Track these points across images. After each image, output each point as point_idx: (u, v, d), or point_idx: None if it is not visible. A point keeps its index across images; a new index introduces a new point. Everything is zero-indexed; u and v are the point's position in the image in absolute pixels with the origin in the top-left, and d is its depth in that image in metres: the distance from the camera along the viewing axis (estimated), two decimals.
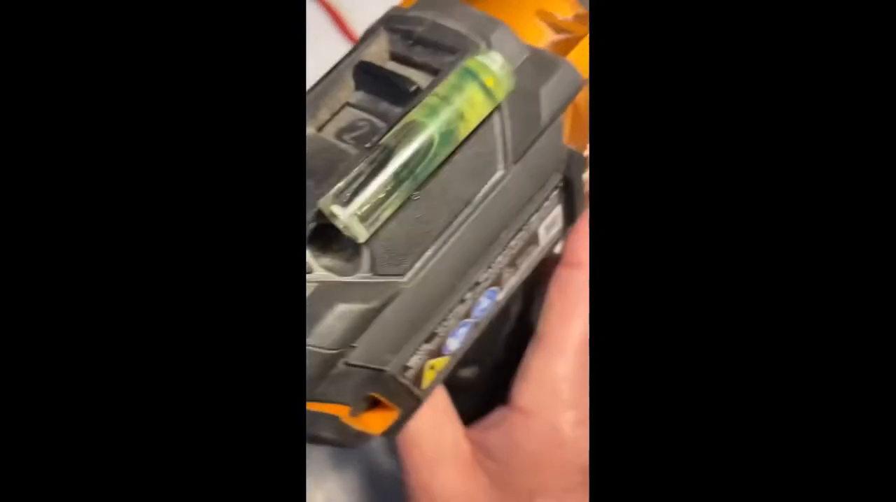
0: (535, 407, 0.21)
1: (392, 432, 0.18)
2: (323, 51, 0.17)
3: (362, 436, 0.17)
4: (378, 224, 0.13)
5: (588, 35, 0.16)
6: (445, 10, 0.16)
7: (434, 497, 0.22)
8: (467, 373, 0.25)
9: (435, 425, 0.22)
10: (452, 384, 0.24)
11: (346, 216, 0.13)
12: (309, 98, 0.16)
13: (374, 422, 0.17)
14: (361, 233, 0.13)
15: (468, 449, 0.22)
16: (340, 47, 0.43)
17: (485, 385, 0.25)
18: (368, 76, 0.16)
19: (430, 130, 0.14)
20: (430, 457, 0.22)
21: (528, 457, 0.21)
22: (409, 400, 0.17)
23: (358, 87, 0.16)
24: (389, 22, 0.17)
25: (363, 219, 0.13)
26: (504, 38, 0.15)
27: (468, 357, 0.24)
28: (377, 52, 0.17)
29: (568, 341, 0.21)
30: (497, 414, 0.22)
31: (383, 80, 0.15)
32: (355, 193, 0.13)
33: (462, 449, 0.22)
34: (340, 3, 0.44)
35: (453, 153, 0.14)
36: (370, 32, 0.17)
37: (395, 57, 0.17)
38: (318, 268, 0.14)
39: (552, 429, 0.20)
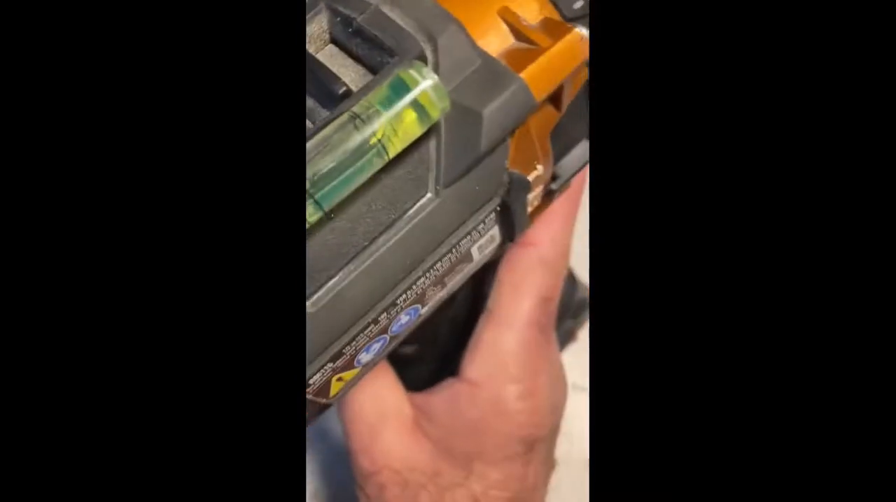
0: (481, 378, 0.21)
1: None
2: None
3: None
4: None
5: (551, 50, 0.14)
6: None
7: (375, 459, 0.22)
8: (408, 350, 0.25)
9: (376, 391, 0.22)
10: (393, 359, 0.24)
11: None
12: None
13: None
14: None
15: (410, 413, 0.23)
16: None
17: (427, 362, 0.25)
18: None
19: (348, 148, 0.12)
20: (372, 422, 0.22)
21: (471, 424, 0.21)
22: (314, 407, 0.17)
23: None
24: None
25: None
26: (453, 40, 0.14)
27: (409, 337, 0.24)
28: (316, 33, 0.15)
29: (516, 317, 0.21)
30: (443, 384, 0.22)
31: (313, 74, 0.14)
32: None
33: (404, 413, 0.23)
34: None
35: (381, 172, 0.13)
36: (311, 7, 0.15)
37: (334, 40, 0.15)
38: None
39: (496, 400, 0.21)
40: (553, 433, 0.24)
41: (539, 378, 0.22)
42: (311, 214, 0.12)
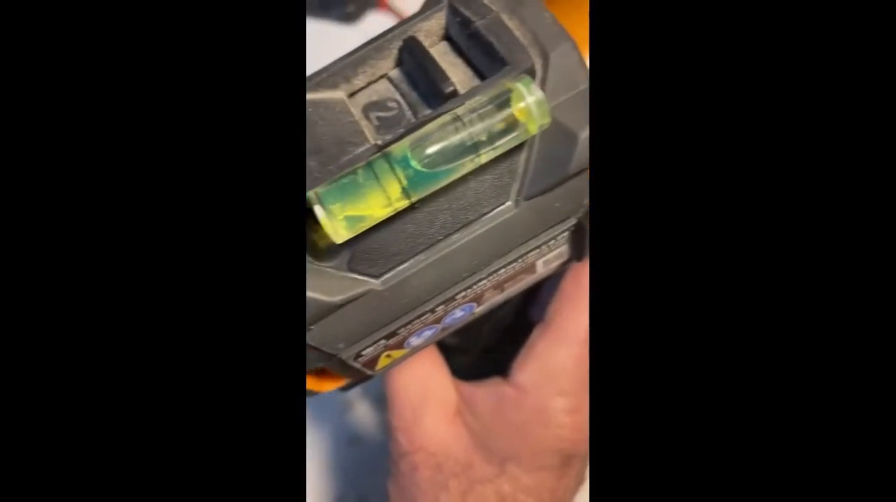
0: (530, 385, 0.21)
1: (343, 390, 0.19)
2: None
3: (310, 393, 0.18)
4: (360, 231, 0.13)
5: None
6: (516, 7, 0.14)
7: (413, 439, 0.23)
8: (451, 340, 0.26)
9: (424, 373, 0.23)
10: (437, 345, 0.24)
11: (325, 217, 0.12)
12: (350, 59, 0.15)
13: (324, 385, 0.18)
14: (339, 235, 0.13)
15: (454, 400, 0.23)
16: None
17: (468, 354, 0.26)
18: (412, 56, 0.15)
19: (446, 147, 0.13)
20: (416, 403, 0.23)
21: (512, 428, 0.22)
22: (360, 375, 0.18)
23: (399, 64, 0.15)
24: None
25: (347, 223, 0.13)
26: (565, 59, 0.14)
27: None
28: (433, 28, 0.15)
29: (574, 331, 0.21)
30: (491, 381, 0.23)
31: (424, 68, 0.14)
32: (343, 195, 0.13)
33: (448, 399, 0.23)
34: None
35: (468, 174, 0.14)
36: (434, 3, 0.16)
37: (448, 38, 0.15)
38: None
39: (542, 410, 0.21)
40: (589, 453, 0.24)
41: (587, 396, 0.22)
42: (399, 201, 0.13)
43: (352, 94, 0.15)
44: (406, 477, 0.23)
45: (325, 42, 0.43)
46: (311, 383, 0.17)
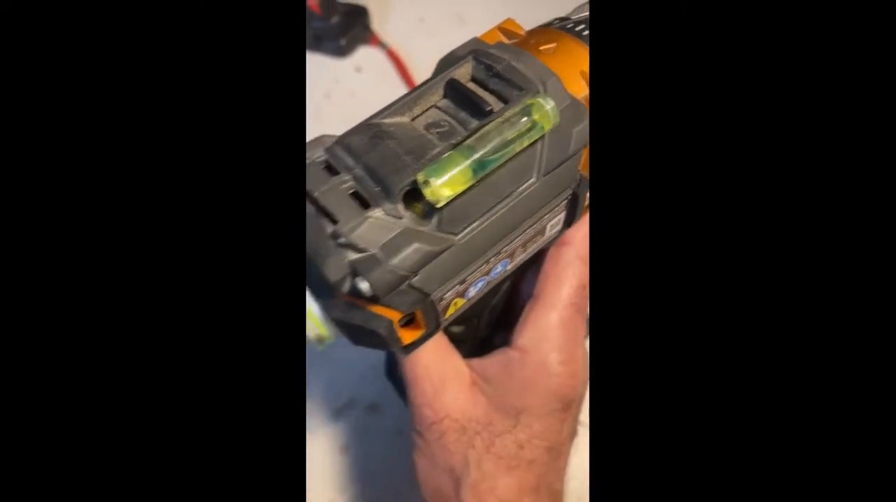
0: (530, 347, 0.26)
1: (411, 348, 0.25)
2: (386, 93, 0.23)
3: (397, 343, 0.23)
4: (451, 197, 0.20)
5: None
6: (518, 57, 0.22)
7: (437, 410, 0.27)
8: (456, 329, 0.32)
9: (440, 357, 0.28)
10: (448, 335, 0.30)
11: (433, 186, 0.19)
12: (410, 96, 0.22)
13: (406, 335, 0.23)
14: (440, 200, 0.19)
15: (468, 374, 0.28)
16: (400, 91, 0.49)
17: (468, 342, 0.32)
18: (454, 90, 0.22)
19: (498, 141, 0.20)
20: (435, 380, 0.28)
21: (520, 383, 0.26)
22: (433, 324, 0.24)
23: (445, 97, 0.23)
24: (476, 53, 0.23)
25: (444, 191, 0.19)
26: (555, 86, 0.22)
27: (460, 317, 0.31)
28: (463, 74, 0.23)
29: (558, 299, 0.27)
30: (497, 351, 0.28)
31: (466, 97, 0.22)
32: (439, 173, 0.19)
33: (463, 373, 0.28)
34: (406, 53, 0.50)
35: (508, 160, 0.21)
36: (459, 57, 0.23)
37: (475, 80, 0.23)
38: (406, 216, 0.20)
39: (542, 364, 0.26)
40: (581, 400, 0.29)
41: (576, 349, 0.27)
42: (472, 178, 0.20)
43: (413, 119, 0.22)
44: (434, 444, 0.28)
45: (319, 72, 0.49)
46: (402, 333, 0.23)
